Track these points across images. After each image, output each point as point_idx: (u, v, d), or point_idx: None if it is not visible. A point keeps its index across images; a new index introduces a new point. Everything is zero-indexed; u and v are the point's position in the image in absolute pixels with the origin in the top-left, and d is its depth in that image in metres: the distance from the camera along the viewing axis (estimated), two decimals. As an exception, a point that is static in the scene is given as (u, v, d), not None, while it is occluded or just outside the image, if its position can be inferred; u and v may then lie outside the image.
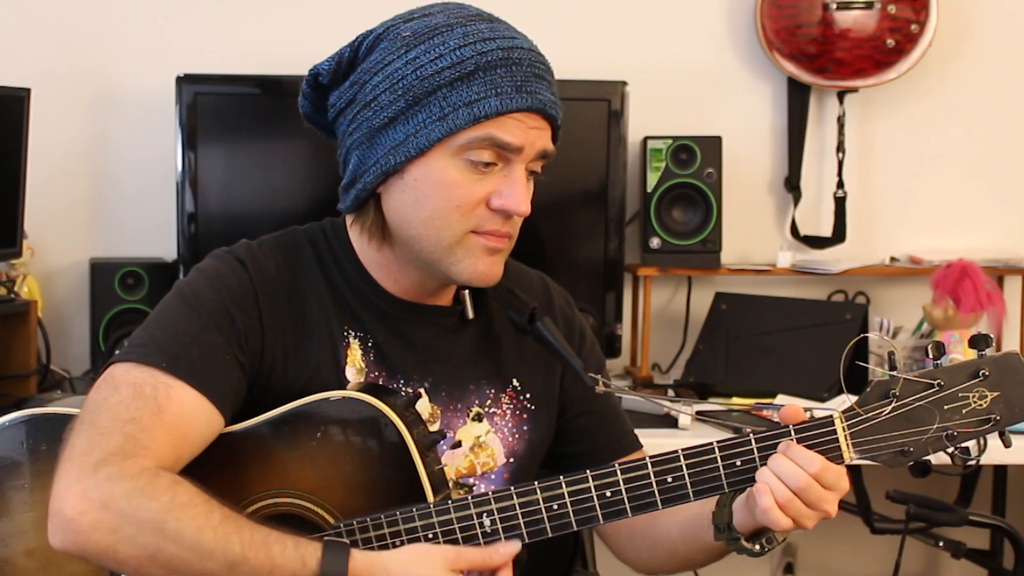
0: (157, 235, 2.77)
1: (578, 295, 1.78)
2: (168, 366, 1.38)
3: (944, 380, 1.31)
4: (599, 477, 1.36)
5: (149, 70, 2.78)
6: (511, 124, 1.42)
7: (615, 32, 2.93)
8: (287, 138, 2.63)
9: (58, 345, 2.69)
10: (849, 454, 1.34)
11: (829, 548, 3.08)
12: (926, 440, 1.32)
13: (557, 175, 1.58)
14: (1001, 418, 1.31)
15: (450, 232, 1.44)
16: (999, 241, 3.00)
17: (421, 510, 1.37)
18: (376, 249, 1.52)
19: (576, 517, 1.36)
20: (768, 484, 1.32)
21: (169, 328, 1.43)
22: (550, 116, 1.45)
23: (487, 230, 1.45)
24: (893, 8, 2.83)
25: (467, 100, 1.41)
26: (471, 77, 1.41)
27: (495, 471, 1.57)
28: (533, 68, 1.43)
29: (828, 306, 2.84)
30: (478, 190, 1.43)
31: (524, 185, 1.44)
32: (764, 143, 3.00)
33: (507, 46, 1.43)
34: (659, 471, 1.35)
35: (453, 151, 1.42)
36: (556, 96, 1.47)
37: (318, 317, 1.51)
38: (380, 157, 1.45)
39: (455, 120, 1.41)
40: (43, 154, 2.63)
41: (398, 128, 1.44)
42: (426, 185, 1.44)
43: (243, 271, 1.48)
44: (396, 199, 1.47)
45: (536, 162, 1.47)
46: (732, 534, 1.40)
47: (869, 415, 1.33)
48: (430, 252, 1.46)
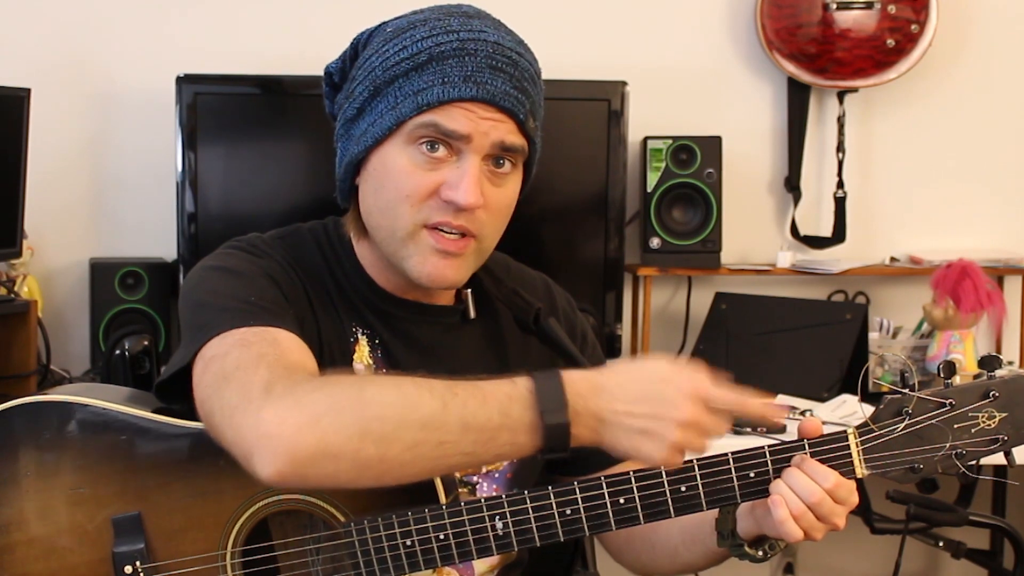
0: (157, 235, 2.77)
1: (578, 295, 1.78)
2: (245, 322, 1.35)
3: (956, 400, 1.33)
4: (613, 484, 1.35)
5: (149, 70, 2.78)
6: (456, 112, 1.40)
7: (615, 32, 2.93)
8: (287, 138, 2.64)
9: (58, 345, 2.69)
10: (861, 469, 1.35)
11: (829, 548, 3.08)
12: (936, 459, 1.34)
13: (557, 175, 1.58)
14: (1009, 439, 1.33)
15: (402, 223, 1.43)
16: (999, 241, 3.00)
17: (433, 511, 1.36)
18: (363, 245, 1.53)
19: (589, 523, 1.35)
20: (783, 496, 1.32)
21: (223, 295, 1.40)
22: (506, 108, 1.42)
23: (436, 221, 1.43)
24: (893, 8, 2.83)
25: (416, 89, 1.41)
26: (424, 67, 1.41)
27: (499, 470, 1.56)
28: (491, 60, 1.41)
29: (828, 306, 2.84)
30: (428, 180, 1.42)
31: (475, 177, 1.41)
32: (764, 143, 3.00)
33: (467, 37, 1.41)
34: (673, 480, 1.35)
35: (405, 140, 1.42)
36: (523, 91, 1.44)
37: (326, 312, 1.51)
38: (350, 147, 1.47)
39: (403, 108, 1.41)
40: (43, 154, 2.63)
41: (364, 119, 1.45)
42: (382, 174, 1.44)
43: (265, 254, 1.49)
44: (363, 190, 1.48)
45: (506, 155, 1.44)
46: (735, 540, 1.41)
47: (882, 431, 1.34)
48: (387, 244, 1.46)
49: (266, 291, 1.42)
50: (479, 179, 1.42)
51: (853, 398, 2.38)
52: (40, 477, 1.40)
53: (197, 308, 1.41)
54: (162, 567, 1.39)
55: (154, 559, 1.39)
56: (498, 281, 1.60)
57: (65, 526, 1.40)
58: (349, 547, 1.36)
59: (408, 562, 1.36)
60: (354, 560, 1.36)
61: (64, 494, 1.40)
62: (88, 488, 1.40)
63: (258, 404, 1.23)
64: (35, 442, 1.41)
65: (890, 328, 2.81)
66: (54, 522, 1.40)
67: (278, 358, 1.30)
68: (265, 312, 1.38)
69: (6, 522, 1.41)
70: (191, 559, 1.39)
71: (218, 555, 1.39)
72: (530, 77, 1.46)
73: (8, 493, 1.41)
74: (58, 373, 2.64)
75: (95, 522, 1.40)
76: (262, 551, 1.41)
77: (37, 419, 1.41)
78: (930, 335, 2.73)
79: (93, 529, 1.40)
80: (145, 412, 1.41)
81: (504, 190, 1.47)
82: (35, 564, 1.40)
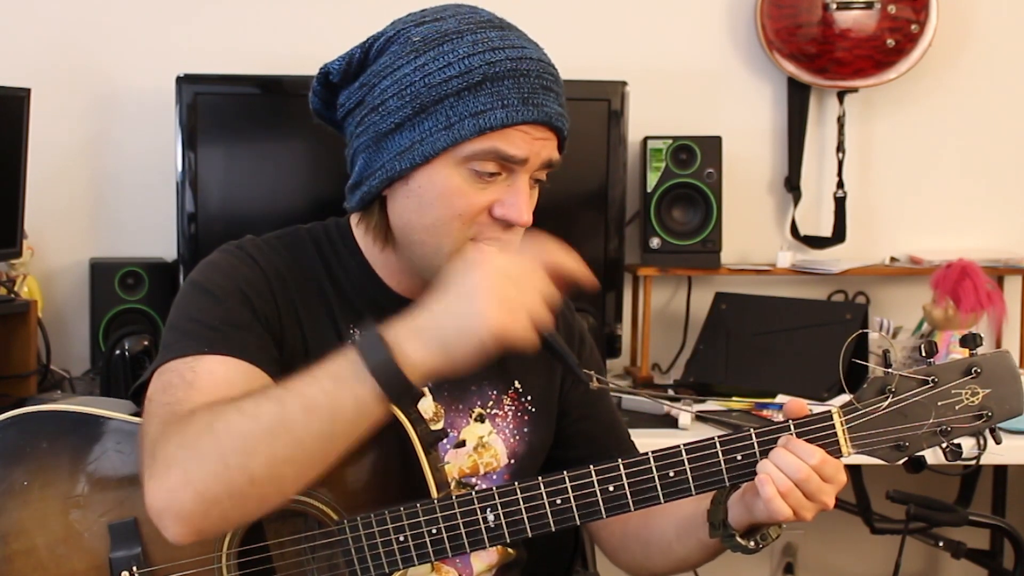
0: (157, 235, 2.77)
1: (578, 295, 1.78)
2: (194, 349, 1.39)
3: (938, 377, 1.36)
4: (602, 472, 1.37)
5: (149, 70, 2.78)
6: (516, 136, 1.41)
7: (615, 32, 2.93)
8: (287, 138, 2.64)
9: (58, 345, 2.69)
10: (847, 448, 1.37)
11: (829, 548, 3.08)
12: (921, 435, 1.36)
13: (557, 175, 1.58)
14: (993, 414, 1.35)
15: (451, 240, 1.44)
16: (999, 241, 3.00)
17: (425, 505, 1.37)
18: (380, 250, 1.53)
19: (579, 512, 1.37)
20: (770, 475, 1.34)
21: (192, 318, 1.44)
22: (556, 127, 1.45)
23: (486, 237, 1.44)
24: (893, 8, 2.83)
25: (473, 111, 1.40)
26: (478, 87, 1.40)
27: (497, 471, 1.57)
28: (541, 80, 1.43)
29: (828, 306, 2.84)
30: (481, 199, 1.43)
31: (527, 195, 1.44)
32: (764, 143, 3.00)
33: (516, 56, 1.42)
34: (661, 465, 1.37)
35: (457, 161, 1.42)
36: (563, 107, 1.46)
37: (323, 313, 1.51)
38: (386, 162, 1.45)
39: (460, 130, 1.40)
40: (43, 154, 2.63)
41: (404, 134, 1.43)
42: (430, 193, 1.44)
43: (253, 263, 1.49)
44: (400, 204, 1.47)
45: (541, 171, 1.47)
46: (727, 531, 1.42)
47: (866, 410, 1.36)
48: (431, 259, 1.46)
49: (232, 312, 1.44)
50: (529, 196, 1.46)
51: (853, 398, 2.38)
52: (38, 487, 1.41)
53: (169, 327, 1.47)
54: (158, 571, 1.40)
55: (150, 564, 1.40)
56: None
57: (63, 534, 1.41)
58: (343, 544, 1.37)
59: (402, 557, 1.38)
60: (348, 557, 1.38)
61: (61, 502, 1.41)
62: (85, 495, 1.41)
63: (147, 473, 1.29)
64: (32, 452, 1.42)
65: (890, 328, 2.81)
66: (52, 531, 1.41)
67: (181, 403, 1.34)
68: (217, 340, 1.40)
69: (5, 532, 1.41)
70: (187, 562, 1.40)
71: (213, 557, 1.39)
72: (563, 90, 1.48)
73: (6, 504, 1.41)
74: (58, 373, 2.64)
75: (92, 529, 1.41)
76: (257, 552, 1.41)
77: (33, 430, 1.42)
78: (930, 335, 2.73)
79: (90, 536, 1.41)
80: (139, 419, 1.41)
81: (535, 200, 1.50)
82: (34, 574, 1.41)
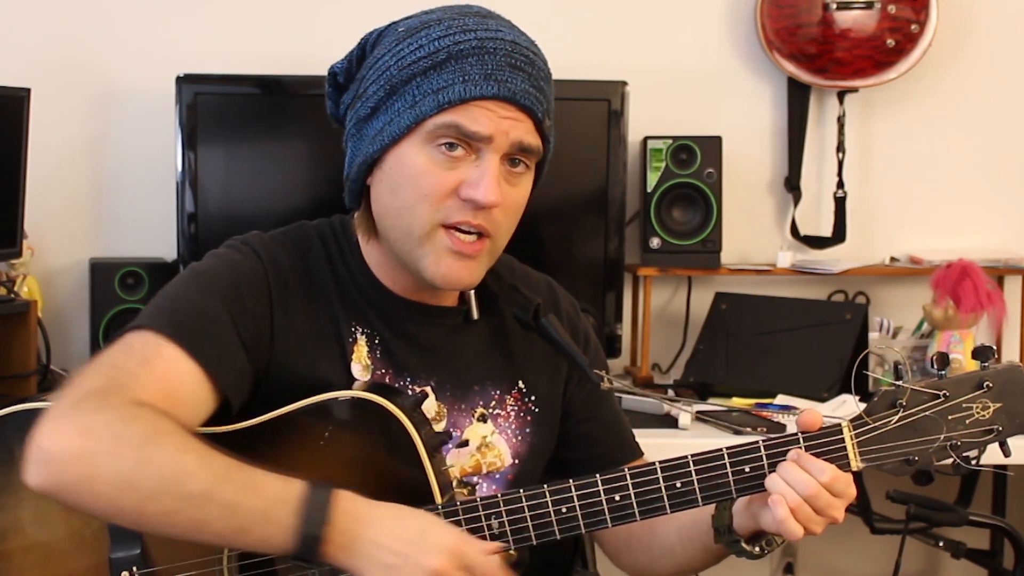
0: (157, 235, 2.77)
1: (578, 295, 1.78)
2: (166, 331, 1.37)
3: (949, 391, 1.34)
4: (608, 481, 1.36)
5: (149, 70, 2.78)
6: (477, 112, 1.40)
7: (615, 32, 2.93)
8: (287, 138, 2.63)
9: (58, 345, 2.68)
10: (856, 462, 1.35)
11: (829, 548, 3.08)
12: (931, 450, 1.34)
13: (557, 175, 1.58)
14: (1003, 429, 1.34)
15: (419, 223, 1.43)
16: (999, 241, 3.00)
17: (429, 510, 1.36)
18: (372, 246, 1.53)
19: (585, 520, 1.36)
20: (782, 494, 1.32)
21: (175, 299, 1.42)
22: (525, 107, 1.43)
23: (454, 221, 1.43)
24: (893, 8, 2.83)
25: (435, 87, 1.40)
26: (443, 66, 1.40)
27: (500, 471, 1.57)
28: (510, 58, 1.42)
29: (828, 306, 2.84)
30: (448, 179, 1.42)
31: (495, 175, 1.42)
32: (764, 143, 3.00)
33: (486, 36, 1.42)
34: (668, 476, 1.36)
35: (423, 139, 1.42)
36: (540, 90, 1.44)
37: (326, 312, 1.51)
38: (363, 147, 1.46)
39: (422, 107, 1.41)
40: (43, 154, 2.63)
41: (379, 118, 1.44)
42: (399, 174, 1.44)
43: (257, 260, 1.48)
44: (378, 190, 1.47)
45: (522, 155, 1.45)
46: (732, 537, 1.41)
47: (877, 424, 1.35)
48: (403, 244, 1.45)
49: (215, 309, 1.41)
50: (499, 178, 1.43)
51: (853, 398, 2.38)
52: None
53: (159, 294, 1.45)
54: (159, 572, 1.39)
55: (150, 564, 1.39)
56: (499, 278, 1.60)
57: (62, 532, 1.40)
58: None
59: None
60: None
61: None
62: None
63: (59, 412, 1.26)
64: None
65: (890, 328, 2.81)
66: (51, 528, 1.40)
67: (130, 376, 1.31)
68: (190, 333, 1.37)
69: (3, 529, 1.40)
70: (188, 563, 1.39)
71: (215, 559, 1.39)
72: (545, 77, 1.47)
73: (5, 500, 1.41)
74: (58, 373, 2.64)
75: (92, 527, 1.40)
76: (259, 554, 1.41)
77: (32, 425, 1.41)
78: (930, 335, 2.73)
79: (90, 535, 1.40)
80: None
81: (518, 190, 1.47)
82: (32, 571, 1.40)
